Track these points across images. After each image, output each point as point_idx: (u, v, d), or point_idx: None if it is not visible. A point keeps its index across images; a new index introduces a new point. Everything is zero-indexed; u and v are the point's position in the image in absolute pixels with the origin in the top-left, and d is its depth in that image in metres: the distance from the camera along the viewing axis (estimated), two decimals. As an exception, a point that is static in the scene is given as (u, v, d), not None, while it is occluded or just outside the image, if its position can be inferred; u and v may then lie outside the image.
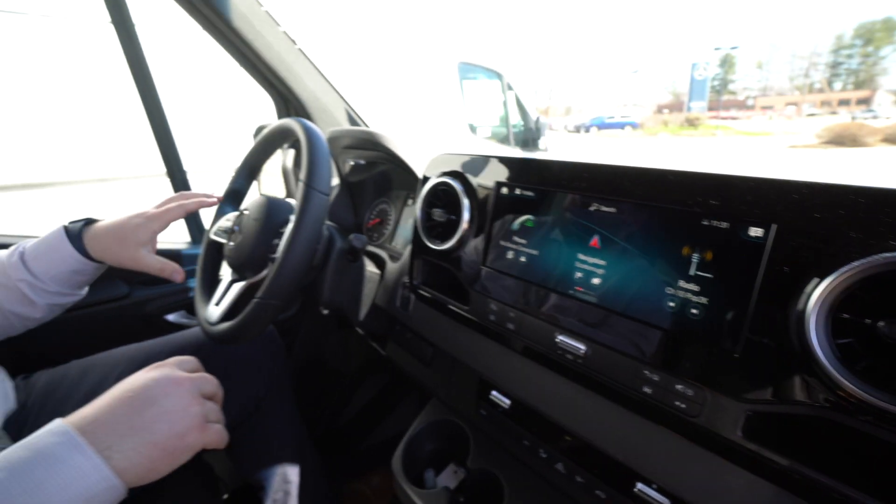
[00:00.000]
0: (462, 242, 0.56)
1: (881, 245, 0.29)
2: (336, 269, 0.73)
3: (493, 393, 0.57)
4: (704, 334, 0.36)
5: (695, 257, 0.37)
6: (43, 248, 0.63)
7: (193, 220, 1.06)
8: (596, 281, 0.44)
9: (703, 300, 0.37)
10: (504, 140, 3.55)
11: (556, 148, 3.92)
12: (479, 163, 0.58)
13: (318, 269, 0.72)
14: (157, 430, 0.42)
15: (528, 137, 3.68)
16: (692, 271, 0.37)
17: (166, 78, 1.06)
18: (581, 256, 0.45)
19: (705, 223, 0.37)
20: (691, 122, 27.41)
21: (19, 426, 0.59)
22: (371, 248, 0.86)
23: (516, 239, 0.51)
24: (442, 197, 0.60)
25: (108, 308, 0.93)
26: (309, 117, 1.04)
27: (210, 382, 0.49)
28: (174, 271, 0.68)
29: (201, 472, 0.45)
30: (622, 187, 0.43)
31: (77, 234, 0.64)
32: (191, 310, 1.05)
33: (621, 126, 29.47)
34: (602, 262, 0.44)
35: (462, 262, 0.57)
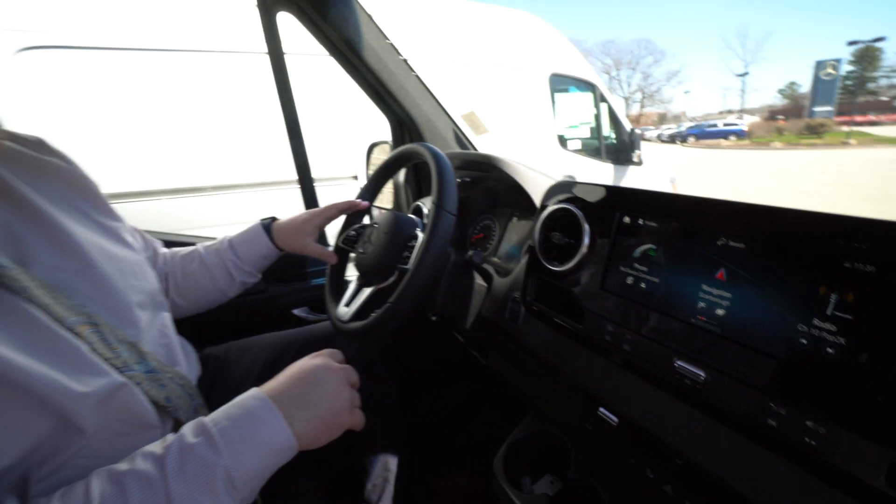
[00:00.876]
0: (580, 265, 0.60)
1: None
2: (450, 280, 0.81)
3: (601, 409, 0.59)
4: (842, 375, 0.37)
5: (833, 297, 0.38)
6: (245, 237, 0.84)
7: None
8: (720, 312, 0.45)
9: (841, 340, 0.37)
10: (595, 152, 3.47)
11: (650, 160, 3.73)
12: (598, 191, 0.62)
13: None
14: (322, 408, 0.52)
15: (622, 150, 3.56)
16: (829, 311, 0.38)
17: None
18: (705, 287, 0.47)
19: (847, 266, 0.37)
20: (814, 130, 23.81)
21: (205, 389, 0.74)
22: (479, 262, 0.93)
23: (637, 266, 0.54)
24: (560, 221, 0.64)
25: (251, 299, 1.10)
26: (422, 138, 1.14)
27: (353, 373, 0.59)
28: (329, 255, 0.87)
29: (318, 452, 0.54)
30: (754, 225, 0.44)
31: (268, 227, 0.84)
32: (313, 306, 1.20)
33: (724, 134, 26.92)
34: (727, 295, 0.45)
35: (579, 283, 0.61)
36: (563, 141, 3.30)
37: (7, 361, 0.39)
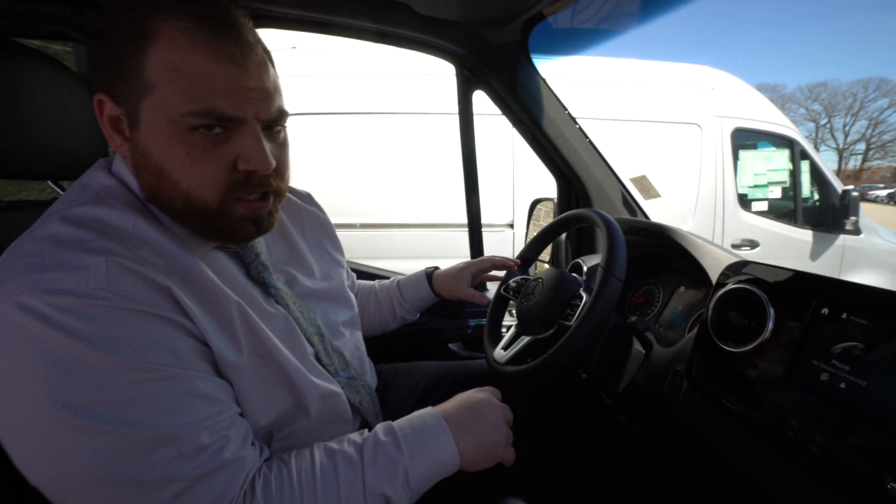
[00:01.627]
0: (759, 350, 0.57)
1: None
2: (608, 341, 0.82)
3: (775, 513, 0.53)
4: None
5: None
6: (410, 281, 0.99)
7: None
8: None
9: None
10: (788, 216, 2.98)
11: (872, 230, 3.03)
12: (790, 277, 0.58)
13: None
14: (483, 436, 0.59)
15: (827, 213, 2.97)
16: None
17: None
18: (931, 401, 0.41)
19: None
20: None
21: (379, 398, 0.89)
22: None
23: (836, 363, 0.49)
24: (738, 301, 0.62)
25: (416, 329, 1.27)
26: (588, 199, 1.19)
27: (510, 413, 0.65)
28: (480, 298, 0.99)
29: (455, 483, 0.59)
30: None
31: (430, 275, 0.99)
32: (466, 343, 1.31)
33: None
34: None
35: (756, 368, 0.57)
36: (744, 202, 2.92)
37: (280, 350, 0.56)
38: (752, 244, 2.84)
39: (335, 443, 0.55)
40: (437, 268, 1.00)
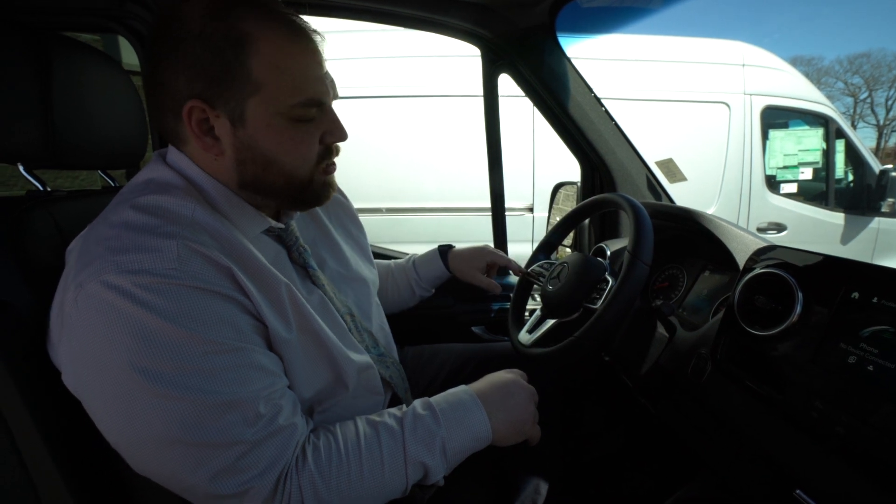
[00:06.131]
0: (786, 333, 0.58)
1: None
2: (631, 324, 0.83)
3: (798, 492, 0.55)
4: None
5: None
6: (425, 259, 1.02)
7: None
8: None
9: None
10: (819, 198, 2.88)
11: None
12: (819, 261, 0.59)
13: None
14: (513, 414, 0.62)
15: (861, 196, 2.86)
16: None
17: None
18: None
19: None
20: None
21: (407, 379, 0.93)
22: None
23: (865, 346, 0.50)
24: (766, 285, 0.62)
25: (440, 312, 1.30)
26: (613, 183, 1.19)
27: (536, 393, 0.68)
28: (494, 287, 1.03)
29: (481, 461, 0.63)
30: None
31: (445, 253, 1.01)
32: (489, 326, 1.34)
33: None
34: None
35: (782, 351, 0.58)
36: (772, 183, 2.84)
37: (322, 327, 0.60)
38: (780, 227, 2.77)
39: (377, 415, 0.59)
40: (451, 246, 1.03)
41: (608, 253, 1.02)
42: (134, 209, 0.49)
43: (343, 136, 0.59)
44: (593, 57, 2.58)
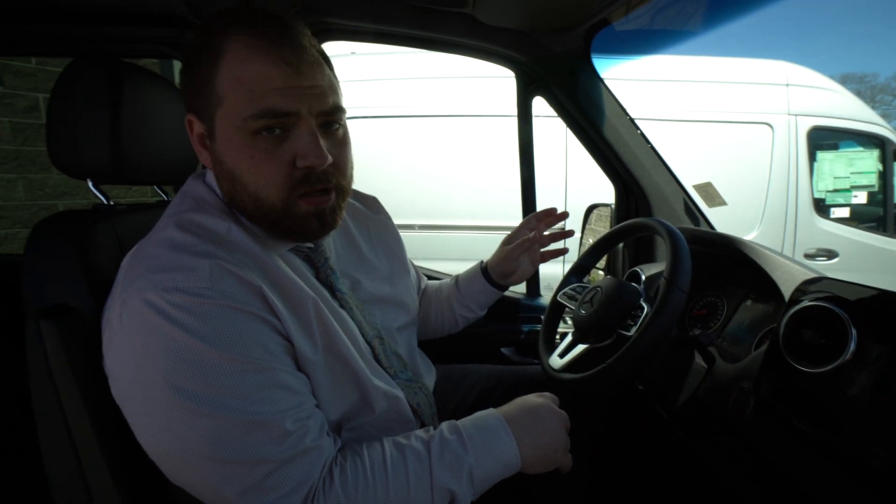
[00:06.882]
0: (838, 372, 0.54)
1: None
2: (667, 353, 0.80)
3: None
4: None
5: None
6: (467, 277, 0.98)
7: (535, 281, 1.34)
8: None
9: None
10: (875, 224, 2.71)
11: None
12: (872, 294, 0.55)
13: None
14: (543, 440, 0.61)
15: (924, 223, 2.67)
16: None
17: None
18: None
19: None
20: None
21: (436, 399, 0.92)
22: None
23: (929, 391, 0.46)
24: (814, 318, 0.59)
25: (472, 332, 1.29)
26: (649, 206, 1.16)
27: (567, 419, 0.66)
28: (532, 266, 0.96)
29: (508, 488, 0.61)
30: None
31: (485, 267, 0.96)
32: (519, 348, 1.32)
33: None
34: None
35: (834, 391, 0.55)
36: (821, 207, 2.69)
37: (349, 349, 0.60)
38: (830, 254, 2.62)
39: (403, 438, 0.58)
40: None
41: (643, 278, 0.99)
42: (177, 227, 0.52)
43: (317, 159, 0.51)
44: (629, 78, 2.56)
